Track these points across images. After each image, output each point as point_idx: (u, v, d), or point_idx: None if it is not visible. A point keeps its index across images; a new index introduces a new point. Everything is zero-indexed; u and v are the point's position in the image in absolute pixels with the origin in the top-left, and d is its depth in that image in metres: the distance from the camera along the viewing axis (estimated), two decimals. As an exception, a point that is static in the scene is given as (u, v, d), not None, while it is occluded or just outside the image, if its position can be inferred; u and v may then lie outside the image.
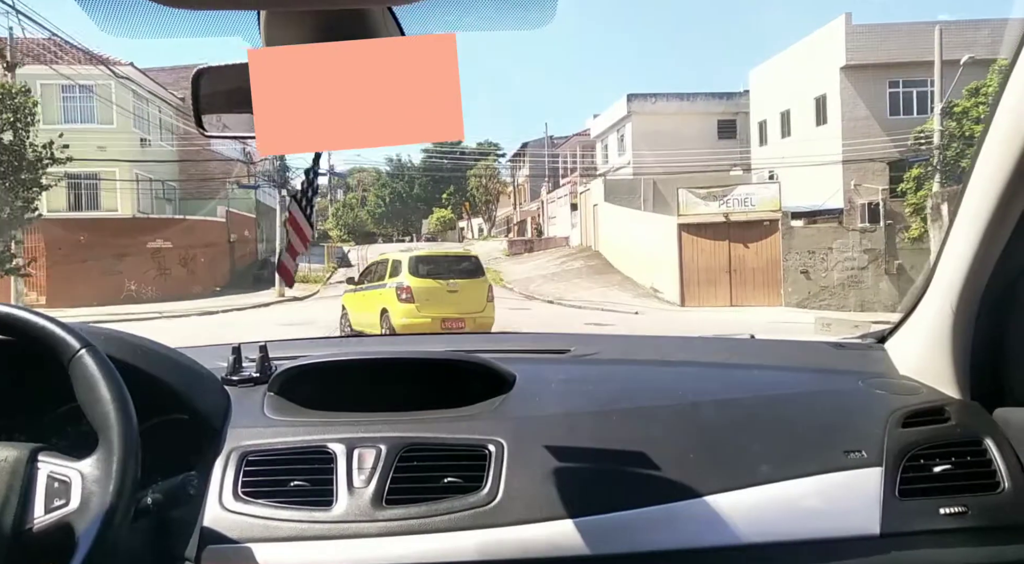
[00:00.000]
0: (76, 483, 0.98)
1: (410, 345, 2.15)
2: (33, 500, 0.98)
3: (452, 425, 1.38)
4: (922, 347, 1.55)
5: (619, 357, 1.85)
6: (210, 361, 1.51)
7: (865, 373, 1.60)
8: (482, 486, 1.26)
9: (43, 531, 0.96)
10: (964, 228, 1.33)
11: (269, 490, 1.26)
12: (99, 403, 1.01)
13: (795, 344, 2.01)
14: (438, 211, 55.10)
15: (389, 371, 1.57)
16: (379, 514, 1.22)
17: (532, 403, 1.45)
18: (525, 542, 1.21)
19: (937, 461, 1.35)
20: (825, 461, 1.32)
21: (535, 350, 1.93)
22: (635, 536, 1.23)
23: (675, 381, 1.59)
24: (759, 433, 1.38)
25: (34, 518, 0.97)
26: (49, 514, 0.97)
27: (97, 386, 1.02)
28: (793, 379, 1.63)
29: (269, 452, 1.31)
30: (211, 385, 1.41)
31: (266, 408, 1.44)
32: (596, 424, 1.39)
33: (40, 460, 1.00)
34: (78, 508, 0.96)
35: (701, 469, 1.30)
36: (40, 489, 0.98)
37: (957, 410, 1.43)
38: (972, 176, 1.28)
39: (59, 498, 0.98)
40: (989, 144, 1.22)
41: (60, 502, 0.97)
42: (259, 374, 1.55)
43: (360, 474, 1.27)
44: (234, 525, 1.21)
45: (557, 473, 1.28)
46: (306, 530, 1.21)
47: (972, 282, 1.36)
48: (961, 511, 1.28)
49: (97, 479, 0.98)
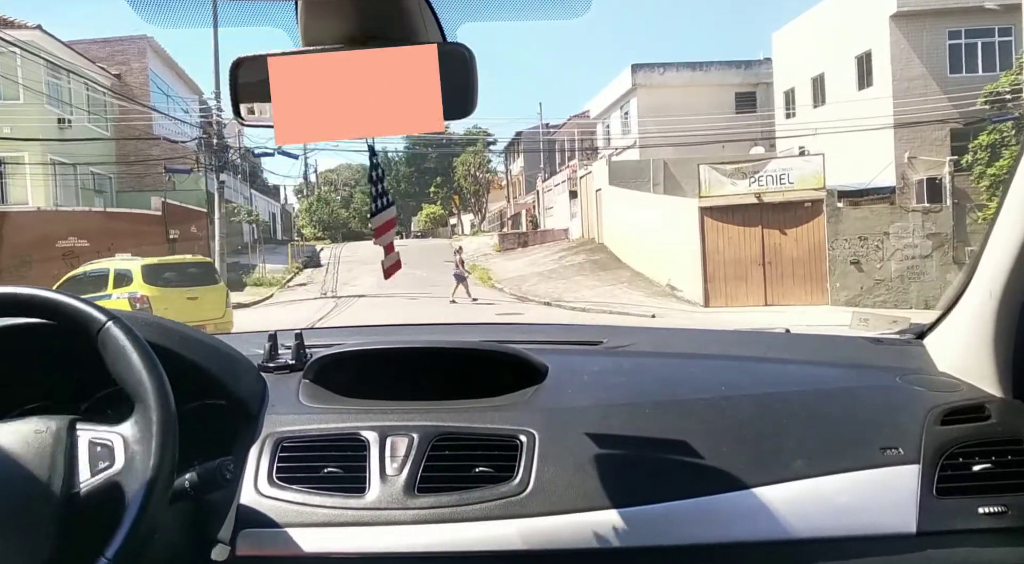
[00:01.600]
0: (119, 445, 1.03)
1: (444, 335, 2.14)
2: (78, 465, 1.02)
3: (484, 415, 1.39)
4: (962, 343, 1.53)
5: (652, 350, 1.84)
6: (247, 348, 1.54)
7: (903, 369, 1.59)
8: (513, 476, 1.27)
9: (91, 494, 1.00)
10: (1009, 220, 1.31)
11: (303, 476, 1.28)
12: (131, 370, 1.05)
13: (831, 339, 2.01)
14: (427, 207, 51.73)
15: (422, 360, 1.58)
16: (411, 502, 1.24)
17: (564, 394, 1.46)
18: (555, 532, 1.22)
19: (976, 459, 1.32)
20: (861, 458, 1.30)
21: (568, 341, 1.95)
22: (666, 529, 1.23)
23: (709, 374, 1.60)
24: (794, 428, 1.37)
25: (81, 482, 1.01)
26: (96, 477, 1.01)
27: (127, 354, 1.05)
28: (829, 374, 1.61)
29: (303, 438, 1.34)
30: (248, 371, 1.45)
31: (301, 395, 1.46)
32: (628, 416, 1.39)
33: (79, 429, 1.05)
34: (123, 467, 1.01)
35: (735, 463, 1.29)
36: (84, 454, 1.03)
37: (998, 408, 1.40)
38: (1019, 167, 1.25)
39: (103, 461, 1.02)
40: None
41: (105, 464, 1.02)
42: (295, 361, 1.57)
43: (393, 462, 1.29)
44: (269, 509, 1.24)
45: (588, 464, 1.28)
46: (339, 516, 1.23)
47: (1016, 277, 1.34)
48: (1000, 511, 1.26)
49: (138, 439, 1.03)
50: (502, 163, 51.44)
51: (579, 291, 20.38)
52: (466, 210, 52.53)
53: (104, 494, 1.00)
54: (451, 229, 49.44)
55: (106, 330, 1.06)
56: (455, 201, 50.97)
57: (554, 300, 19.54)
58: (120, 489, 0.99)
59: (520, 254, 29.33)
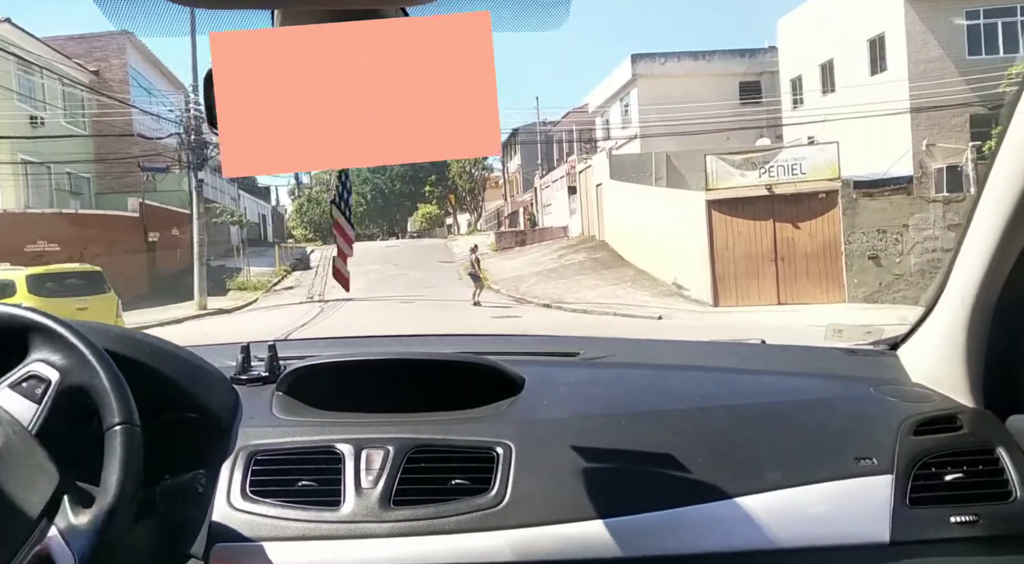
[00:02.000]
0: (42, 368, 1.01)
1: (419, 346, 2.12)
2: None
3: (460, 427, 1.38)
4: (935, 354, 1.55)
5: (629, 361, 1.86)
6: (219, 360, 1.51)
7: (877, 380, 1.60)
8: (490, 488, 1.26)
9: (51, 418, 0.99)
10: (980, 231, 1.31)
11: (277, 489, 1.27)
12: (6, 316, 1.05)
13: (806, 350, 2.03)
14: (423, 207, 50.74)
15: (398, 372, 1.56)
16: (386, 515, 1.23)
17: (541, 406, 1.46)
18: (532, 544, 1.22)
19: (949, 469, 1.34)
20: (835, 468, 1.32)
21: (545, 352, 1.95)
22: (643, 541, 1.23)
23: (685, 385, 1.60)
24: (769, 439, 1.38)
25: (32, 416, 0.99)
26: (43, 403, 1.00)
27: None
28: (804, 385, 1.63)
29: (277, 451, 1.32)
30: (220, 384, 1.41)
31: (274, 407, 1.45)
32: (605, 427, 1.38)
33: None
34: (61, 376, 1.01)
35: (710, 474, 1.30)
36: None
37: (970, 418, 1.42)
38: (989, 178, 1.25)
39: (38, 388, 1.00)
40: (1008, 144, 1.20)
41: (42, 388, 1.00)
42: (268, 373, 1.56)
43: (368, 475, 1.28)
44: (242, 524, 1.22)
45: (565, 476, 1.29)
46: (314, 530, 1.21)
47: (987, 288, 1.34)
48: (972, 520, 1.27)
49: (55, 349, 1.02)
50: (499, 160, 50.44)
51: (580, 291, 19.31)
52: (462, 209, 51.29)
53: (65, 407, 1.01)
54: (447, 229, 48.26)
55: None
56: (451, 200, 49.79)
57: (554, 301, 18.46)
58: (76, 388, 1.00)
59: (518, 253, 28.24)
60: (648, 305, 17.40)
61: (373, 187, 56.26)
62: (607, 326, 14.85)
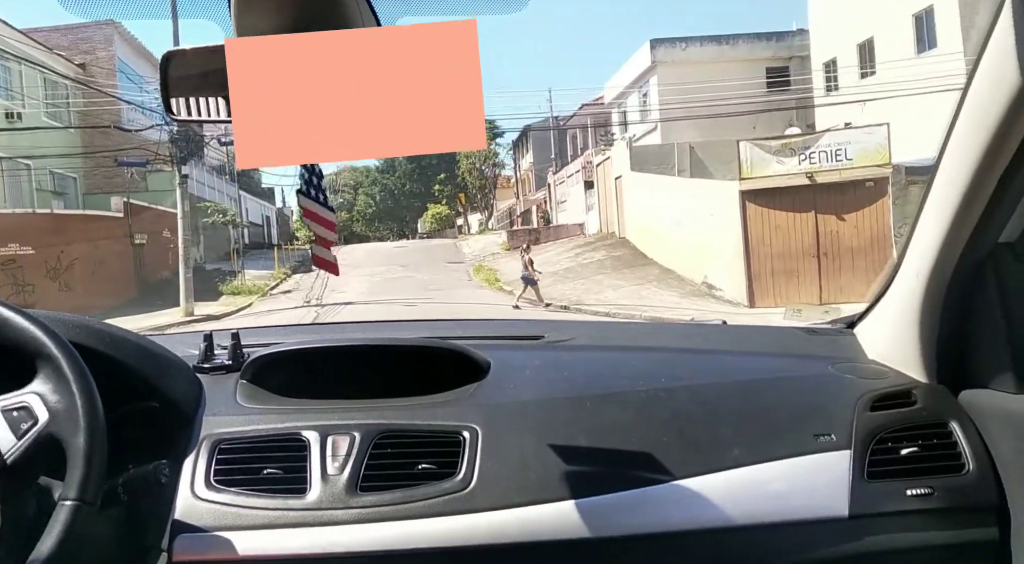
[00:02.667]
0: (36, 403, 0.98)
1: (384, 332, 2.15)
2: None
3: (426, 412, 1.38)
4: (890, 332, 1.58)
5: (593, 343, 1.85)
6: (181, 349, 1.51)
7: (835, 358, 1.63)
8: (456, 472, 1.27)
9: (25, 457, 0.96)
10: (933, 212, 1.34)
11: (242, 478, 1.26)
12: (16, 330, 1.02)
13: (767, 330, 2.07)
14: (433, 207, 49.11)
15: (363, 358, 1.56)
16: (353, 501, 1.23)
17: (506, 389, 1.46)
18: (499, 527, 1.22)
19: (904, 444, 1.38)
20: (795, 445, 1.35)
21: (509, 336, 1.93)
22: (608, 520, 1.25)
23: (648, 367, 1.61)
24: (730, 418, 1.41)
25: (6, 450, 0.95)
26: (23, 439, 0.96)
27: (4, 319, 1.02)
28: (764, 364, 1.66)
29: (241, 440, 1.31)
30: (182, 373, 1.41)
31: (238, 396, 1.43)
32: (570, 410, 1.40)
33: None
34: (49, 419, 0.97)
35: (673, 454, 1.32)
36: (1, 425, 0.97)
37: (923, 393, 1.46)
38: (941, 160, 1.27)
39: (24, 422, 0.97)
40: (960, 122, 1.21)
41: (28, 424, 0.97)
42: (231, 362, 1.53)
43: (334, 461, 1.27)
44: (206, 513, 1.21)
45: (531, 459, 1.30)
46: (279, 517, 1.21)
47: (940, 267, 1.37)
48: (927, 493, 1.32)
49: (54, 390, 0.98)
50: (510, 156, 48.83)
51: (602, 292, 17.64)
52: (473, 209, 49.56)
53: (41, 451, 0.96)
54: (458, 229, 46.61)
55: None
56: (461, 199, 48.06)
57: (573, 303, 16.78)
58: (56, 439, 0.96)
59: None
60: (677, 307, 15.69)
61: (382, 188, 54.95)
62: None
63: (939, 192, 1.29)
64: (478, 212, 48.87)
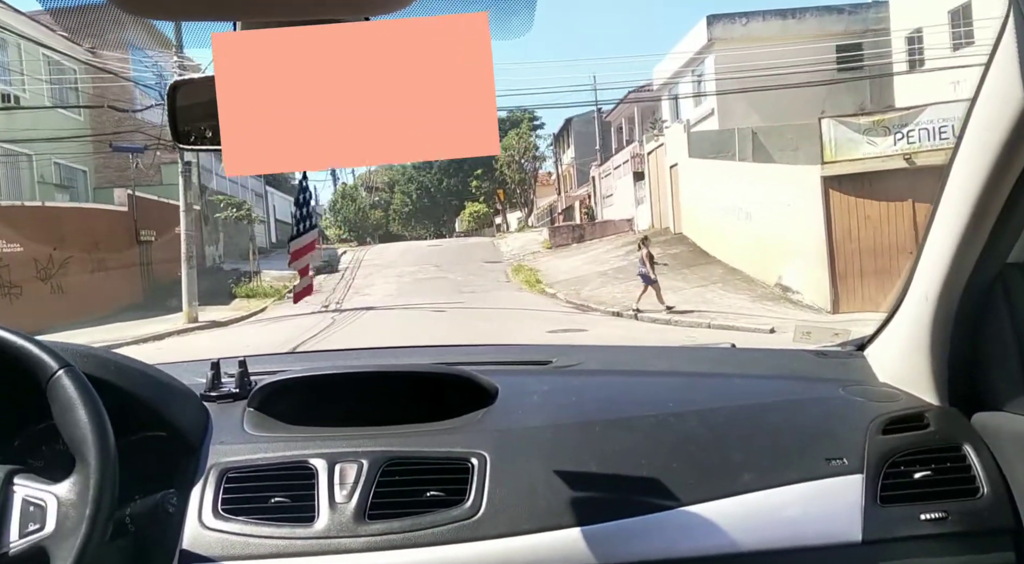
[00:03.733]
0: (51, 507, 0.99)
1: (391, 359, 2.09)
2: (8, 524, 0.98)
3: (434, 438, 1.37)
4: (901, 353, 1.57)
5: (601, 368, 1.84)
6: (188, 377, 1.51)
7: (845, 381, 1.61)
8: (465, 500, 1.26)
9: (18, 555, 0.97)
10: (941, 231, 1.33)
11: (250, 507, 1.25)
12: (76, 426, 1.02)
13: (775, 353, 2.05)
14: (471, 205, 47.15)
15: (370, 385, 1.56)
16: (362, 529, 1.22)
17: (514, 415, 1.45)
18: (509, 554, 1.21)
19: (917, 467, 1.36)
20: (807, 469, 1.33)
21: (517, 362, 1.94)
22: (618, 547, 1.23)
23: (657, 391, 1.61)
24: (741, 442, 1.39)
25: (9, 542, 0.97)
26: (24, 539, 0.98)
27: (75, 408, 1.02)
28: (774, 388, 1.63)
29: (249, 468, 1.30)
30: (189, 401, 1.41)
31: (246, 424, 1.42)
32: (578, 435, 1.38)
33: (16, 482, 1.01)
34: (53, 533, 0.98)
35: (683, 479, 1.30)
36: (15, 513, 0.99)
37: (936, 416, 1.44)
38: (948, 179, 1.27)
39: (34, 522, 0.98)
40: (967, 140, 1.21)
41: (35, 526, 0.98)
42: (238, 390, 1.53)
43: (342, 489, 1.27)
44: (214, 542, 1.21)
45: (540, 485, 1.29)
46: (287, 547, 1.20)
47: (949, 287, 1.36)
48: (941, 517, 1.30)
49: (73, 504, 0.99)
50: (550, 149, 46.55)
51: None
52: (512, 206, 47.35)
53: (31, 558, 0.97)
54: (496, 228, 44.49)
55: (56, 379, 1.03)
56: (499, 196, 45.81)
57: (625, 309, 14.53)
58: (46, 556, 0.96)
59: (576, 250, 24.29)
60: (751, 313, 13.37)
61: (419, 185, 53.14)
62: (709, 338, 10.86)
63: (947, 212, 1.30)
64: (517, 210, 46.64)
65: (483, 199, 48.20)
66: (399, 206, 54.10)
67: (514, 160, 43.02)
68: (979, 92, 1.15)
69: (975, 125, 1.17)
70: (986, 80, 1.14)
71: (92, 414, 1.01)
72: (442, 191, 52.25)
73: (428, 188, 52.92)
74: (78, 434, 1.00)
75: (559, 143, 45.41)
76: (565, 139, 43.74)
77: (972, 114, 1.17)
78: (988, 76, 1.13)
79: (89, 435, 0.99)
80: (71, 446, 1.01)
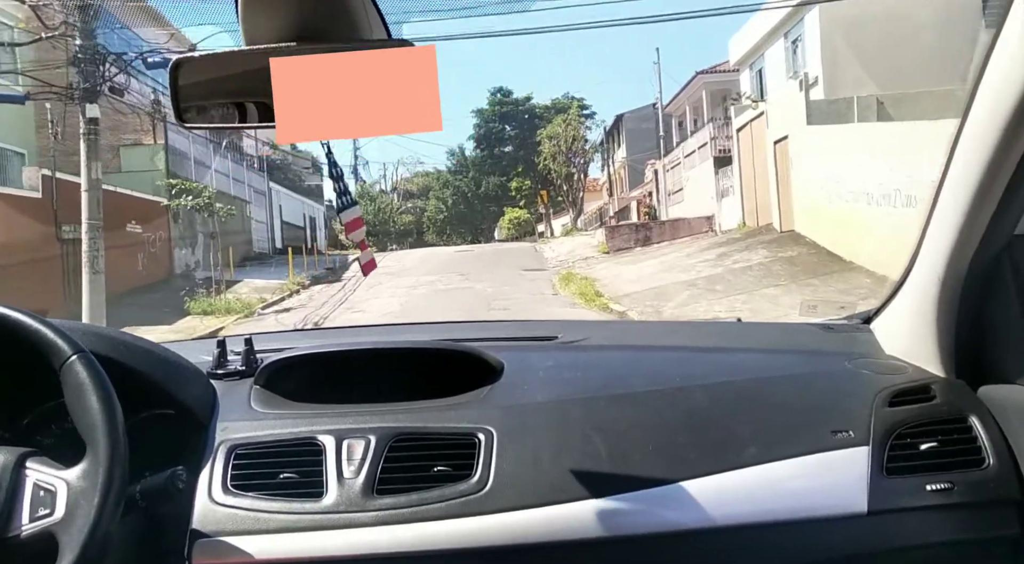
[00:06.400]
0: (61, 493, 1.00)
1: (397, 335, 2.13)
2: (19, 508, 0.99)
3: (441, 414, 1.39)
4: (907, 326, 1.56)
5: (606, 343, 1.85)
6: (195, 355, 1.51)
7: (851, 354, 1.61)
8: (472, 474, 1.28)
9: (27, 539, 0.98)
10: (948, 203, 1.32)
11: (258, 483, 1.27)
12: (88, 412, 1.03)
13: (782, 327, 2.06)
14: (510, 211, 42.42)
15: (376, 362, 1.56)
16: (370, 504, 1.24)
17: (520, 390, 1.46)
18: (516, 528, 1.23)
19: (923, 439, 1.36)
20: (813, 441, 1.33)
21: (523, 337, 1.94)
22: (625, 520, 1.24)
23: (663, 366, 1.61)
24: (747, 415, 1.40)
25: (20, 526, 0.98)
26: (34, 523, 0.98)
27: (87, 395, 1.03)
28: (780, 361, 1.64)
29: (257, 445, 1.32)
30: (196, 379, 1.42)
31: (253, 401, 1.44)
32: (584, 410, 1.39)
33: (28, 466, 1.02)
34: (62, 519, 0.98)
35: (690, 452, 1.31)
36: (26, 497, 1.00)
37: (942, 388, 1.44)
38: (955, 149, 1.27)
39: (44, 507, 0.99)
40: (973, 113, 1.20)
41: (45, 512, 0.99)
42: (245, 367, 1.54)
43: (350, 465, 1.28)
44: (224, 518, 1.22)
45: (546, 460, 1.30)
46: (297, 521, 1.22)
47: (956, 260, 1.36)
48: (947, 487, 1.30)
49: (83, 491, 0.99)
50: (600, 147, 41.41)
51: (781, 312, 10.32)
52: (557, 210, 42.33)
53: (38, 544, 0.98)
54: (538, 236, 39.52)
55: (70, 364, 1.04)
56: (543, 197, 40.75)
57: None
58: (55, 541, 0.97)
59: (641, 255, 19.14)
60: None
61: (455, 191, 48.56)
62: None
63: (954, 182, 1.29)
64: (563, 215, 41.60)
65: (524, 203, 43.44)
66: (433, 213, 49.65)
67: (560, 151, 37.79)
68: (986, 63, 1.15)
69: (983, 94, 1.17)
70: (993, 52, 1.14)
71: (104, 402, 1.03)
72: (480, 196, 47.61)
73: (464, 193, 48.33)
74: (89, 421, 1.02)
75: (610, 140, 40.42)
76: (616, 137, 38.77)
77: (980, 82, 1.17)
78: (995, 48, 1.13)
79: (100, 423, 1.01)
80: (81, 432, 1.03)
